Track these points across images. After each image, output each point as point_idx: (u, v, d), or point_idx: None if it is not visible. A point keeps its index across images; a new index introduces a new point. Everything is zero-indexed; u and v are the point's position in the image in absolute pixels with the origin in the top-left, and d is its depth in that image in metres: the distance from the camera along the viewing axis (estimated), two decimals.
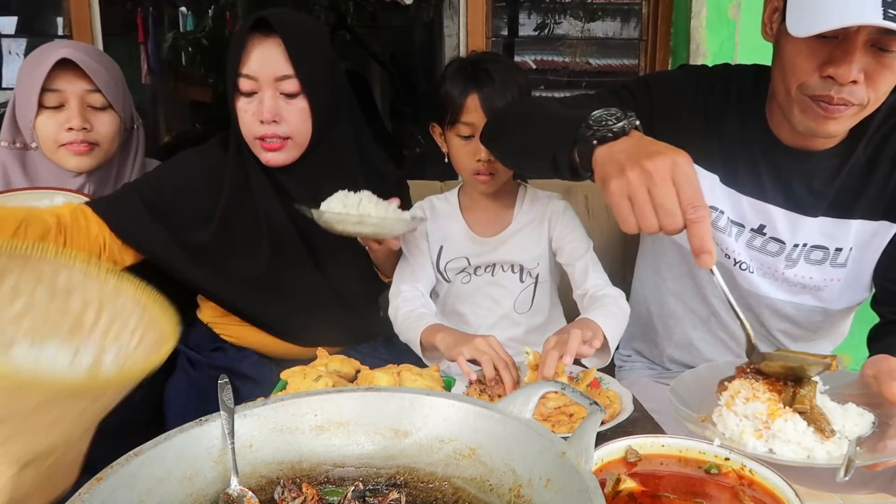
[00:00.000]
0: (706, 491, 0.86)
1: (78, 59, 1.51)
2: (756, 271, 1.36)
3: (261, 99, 1.41)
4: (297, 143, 1.46)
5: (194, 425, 0.78)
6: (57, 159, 1.55)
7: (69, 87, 1.53)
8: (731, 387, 1.04)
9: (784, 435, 0.94)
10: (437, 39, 4.75)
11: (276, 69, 1.40)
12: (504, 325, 1.56)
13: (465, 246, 1.57)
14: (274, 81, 1.40)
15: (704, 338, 1.48)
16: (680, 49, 2.41)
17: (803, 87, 1.11)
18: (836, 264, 1.30)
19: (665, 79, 1.43)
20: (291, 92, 1.42)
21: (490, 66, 1.46)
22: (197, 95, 5.14)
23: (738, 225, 1.34)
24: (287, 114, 1.42)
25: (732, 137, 1.31)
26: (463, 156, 1.49)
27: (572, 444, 0.68)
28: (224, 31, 5.09)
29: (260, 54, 1.40)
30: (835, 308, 1.35)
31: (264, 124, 1.41)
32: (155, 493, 0.71)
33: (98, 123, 1.56)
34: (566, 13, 4.31)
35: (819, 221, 1.29)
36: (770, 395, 1.00)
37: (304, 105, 1.43)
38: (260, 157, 1.48)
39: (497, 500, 0.73)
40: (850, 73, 1.04)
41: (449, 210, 1.61)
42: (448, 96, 1.46)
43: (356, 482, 0.78)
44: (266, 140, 1.44)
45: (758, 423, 0.97)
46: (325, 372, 1.23)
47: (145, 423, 1.60)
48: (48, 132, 1.53)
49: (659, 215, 0.89)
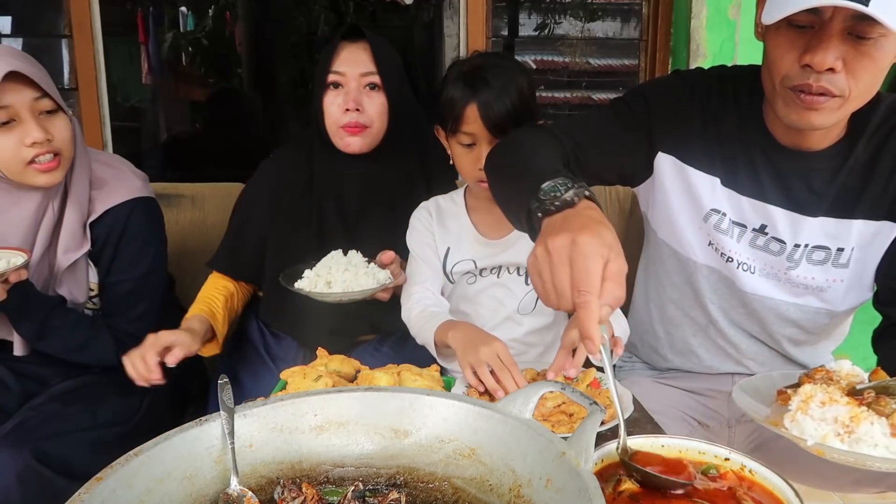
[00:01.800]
0: (706, 491, 0.85)
1: (20, 69, 1.40)
2: (758, 272, 1.36)
3: (347, 91, 1.63)
4: (374, 132, 1.67)
5: (194, 425, 0.78)
6: (24, 179, 1.46)
7: (17, 100, 1.41)
8: (801, 391, 1.00)
9: (871, 439, 0.91)
10: (437, 39, 4.74)
11: (362, 67, 1.64)
12: (507, 327, 1.55)
13: (472, 248, 1.56)
14: (360, 76, 1.63)
15: (704, 344, 1.48)
16: (680, 49, 2.41)
17: (785, 80, 1.12)
18: (839, 265, 1.30)
19: (660, 86, 1.44)
20: (374, 83, 1.64)
21: (490, 72, 1.43)
22: (197, 95, 5.13)
23: (740, 225, 1.34)
24: (368, 105, 1.64)
25: (731, 138, 1.31)
26: (465, 163, 1.49)
27: (572, 444, 0.68)
28: (224, 30, 5.08)
29: (349, 55, 1.65)
30: (839, 309, 1.35)
31: (349, 112, 1.62)
32: (155, 492, 0.71)
33: (55, 130, 1.46)
34: (566, 13, 4.31)
35: (820, 221, 1.28)
36: (849, 400, 0.96)
37: (383, 99, 1.66)
38: (340, 143, 1.67)
39: (497, 500, 0.73)
40: (827, 59, 1.04)
41: (455, 211, 1.60)
42: (448, 103, 1.45)
43: (356, 482, 0.78)
44: (348, 127, 1.63)
45: (838, 426, 0.94)
46: (325, 372, 1.23)
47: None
48: (8, 153, 1.42)
49: (552, 296, 0.89)
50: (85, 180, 1.59)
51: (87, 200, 1.59)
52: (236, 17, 5.02)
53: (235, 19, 5.02)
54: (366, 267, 1.54)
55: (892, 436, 0.92)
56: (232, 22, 5.05)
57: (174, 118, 4.94)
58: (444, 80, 1.52)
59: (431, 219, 1.60)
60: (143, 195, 1.65)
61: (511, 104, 1.40)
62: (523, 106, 1.42)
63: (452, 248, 1.57)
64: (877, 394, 0.98)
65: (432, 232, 1.59)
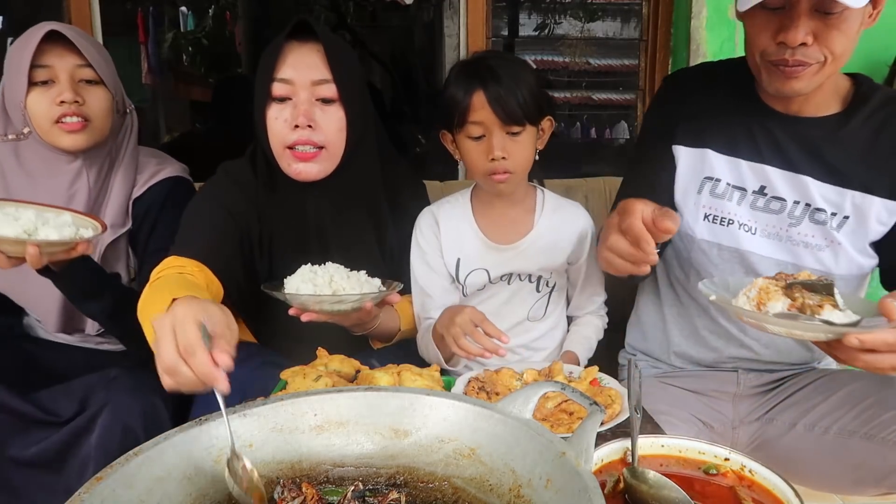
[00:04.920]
0: (706, 491, 0.86)
1: (67, 33, 1.47)
2: (759, 232, 1.40)
3: (295, 104, 1.35)
4: (330, 155, 1.39)
5: (194, 425, 0.78)
6: (51, 139, 1.50)
7: (59, 62, 1.48)
8: (754, 283, 1.06)
9: (774, 309, 1.01)
10: (437, 39, 4.75)
11: (314, 73, 1.35)
12: (515, 332, 1.52)
13: (483, 255, 1.52)
14: (311, 86, 1.35)
15: (708, 326, 1.50)
16: (680, 49, 2.41)
17: (764, 55, 1.25)
18: (835, 228, 1.35)
19: (652, 106, 1.59)
20: (328, 97, 1.36)
21: (494, 62, 1.42)
22: (197, 95, 5.14)
23: (740, 189, 1.40)
24: (323, 121, 1.36)
25: (725, 111, 1.40)
26: (475, 157, 1.43)
27: (572, 445, 0.68)
28: (224, 30, 5.10)
29: (297, 58, 1.36)
30: (834, 272, 1.38)
31: (298, 129, 1.34)
32: (155, 492, 0.71)
33: (90, 98, 1.51)
34: (566, 13, 4.32)
35: (817, 185, 1.34)
36: (784, 292, 1.03)
37: (341, 114, 1.37)
38: (289, 169, 1.39)
39: (497, 500, 0.73)
40: (798, 36, 1.17)
41: (460, 215, 1.54)
42: (453, 98, 1.42)
43: (356, 482, 0.78)
44: (298, 148, 1.36)
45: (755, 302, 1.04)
46: (325, 372, 1.23)
47: None
48: (40, 109, 1.48)
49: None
50: (133, 164, 1.63)
51: (132, 179, 1.63)
52: (236, 17, 5.02)
53: (235, 19, 5.03)
54: (361, 279, 1.37)
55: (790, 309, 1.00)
56: (232, 22, 5.06)
57: (174, 118, 4.95)
58: (446, 81, 1.50)
59: (438, 229, 1.54)
60: (183, 175, 1.68)
61: (517, 90, 1.39)
62: (531, 95, 1.41)
63: (463, 258, 1.53)
64: (805, 288, 1.05)
65: (439, 246, 1.53)
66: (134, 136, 1.65)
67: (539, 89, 1.45)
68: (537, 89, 1.44)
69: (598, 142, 5.79)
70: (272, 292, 1.31)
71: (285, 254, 1.45)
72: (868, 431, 1.30)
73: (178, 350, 0.83)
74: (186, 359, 0.79)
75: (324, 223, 1.47)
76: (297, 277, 1.33)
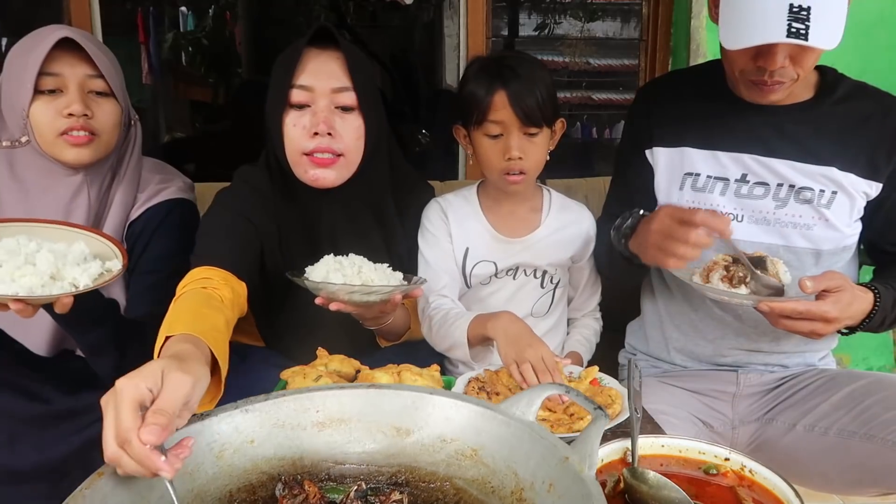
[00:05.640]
0: (706, 491, 0.86)
1: (79, 40, 1.38)
2: (746, 219, 1.42)
3: (314, 111, 1.35)
4: (348, 162, 1.39)
5: (195, 420, 0.78)
6: (53, 152, 1.40)
7: (69, 71, 1.38)
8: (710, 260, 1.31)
9: (715, 284, 1.27)
10: (437, 39, 4.74)
11: (334, 81, 1.36)
12: None
13: (491, 247, 1.53)
14: (331, 93, 1.36)
15: (704, 319, 1.50)
16: (680, 49, 2.41)
17: (743, 73, 1.33)
18: (821, 205, 1.39)
19: (627, 122, 1.65)
20: (348, 105, 1.37)
21: (514, 62, 1.43)
22: (197, 95, 5.13)
23: (722, 179, 1.43)
24: (342, 129, 1.37)
25: (703, 109, 1.46)
26: (492, 155, 1.45)
27: (576, 449, 0.68)
28: (224, 30, 5.09)
29: (317, 66, 1.36)
30: (823, 248, 1.41)
31: (317, 137, 1.35)
32: (156, 489, 0.71)
33: (99, 111, 1.42)
34: (566, 13, 4.31)
35: (798, 166, 1.38)
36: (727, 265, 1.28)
37: (359, 122, 1.38)
38: (305, 175, 1.39)
39: (499, 502, 0.73)
40: (777, 61, 1.25)
41: (469, 210, 1.56)
42: (473, 96, 1.42)
43: (358, 481, 0.78)
44: (316, 155, 1.36)
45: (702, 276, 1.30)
46: (326, 371, 1.23)
47: None
48: (44, 120, 1.38)
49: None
50: (135, 179, 1.55)
51: (133, 197, 1.53)
52: (236, 17, 5.01)
53: (235, 19, 5.02)
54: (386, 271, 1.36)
55: (723, 280, 1.27)
56: (232, 22, 5.05)
57: (174, 118, 4.94)
58: (464, 76, 1.50)
59: (446, 218, 1.54)
60: (184, 197, 1.58)
61: (538, 91, 1.41)
62: (549, 98, 1.43)
63: (471, 248, 1.54)
64: (753, 264, 1.26)
65: (449, 232, 1.54)
66: (138, 149, 1.57)
67: (554, 89, 1.46)
68: (554, 91, 1.45)
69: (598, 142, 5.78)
70: (300, 280, 1.29)
71: (297, 258, 1.43)
72: (868, 432, 1.30)
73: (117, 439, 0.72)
74: (124, 447, 0.70)
75: (337, 230, 1.47)
76: (321, 267, 1.31)
